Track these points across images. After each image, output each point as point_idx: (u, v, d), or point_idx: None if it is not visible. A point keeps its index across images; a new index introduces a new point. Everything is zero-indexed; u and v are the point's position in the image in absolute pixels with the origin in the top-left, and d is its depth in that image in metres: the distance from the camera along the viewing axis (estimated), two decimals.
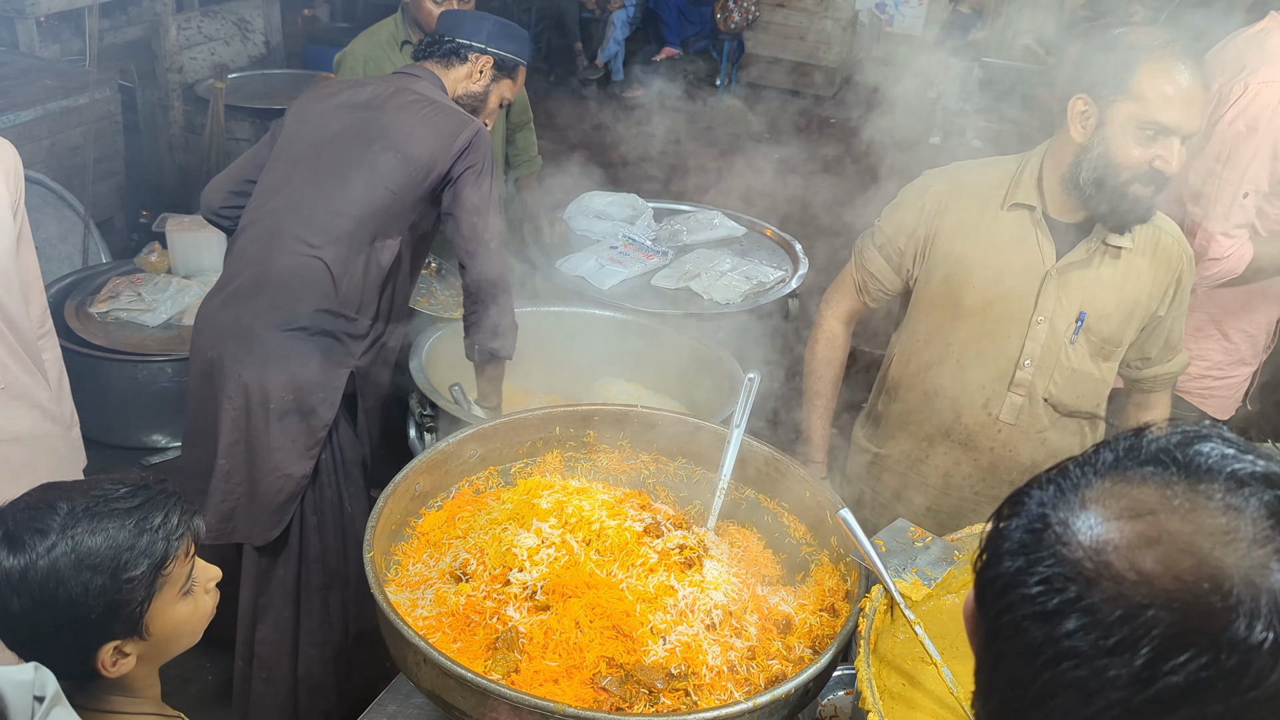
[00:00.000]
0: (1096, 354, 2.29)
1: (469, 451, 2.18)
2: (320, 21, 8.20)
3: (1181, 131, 2.03)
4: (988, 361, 2.32)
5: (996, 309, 2.28)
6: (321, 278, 2.62)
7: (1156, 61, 2.02)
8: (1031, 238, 2.23)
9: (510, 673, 1.67)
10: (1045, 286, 2.23)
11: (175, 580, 1.43)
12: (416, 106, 2.71)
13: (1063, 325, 2.25)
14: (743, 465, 2.27)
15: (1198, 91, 2.02)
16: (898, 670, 1.74)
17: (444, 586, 1.87)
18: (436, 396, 2.82)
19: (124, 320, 4.42)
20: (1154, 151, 2.05)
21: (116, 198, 5.55)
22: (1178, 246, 2.26)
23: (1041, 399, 2.31)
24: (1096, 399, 2.34)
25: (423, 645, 1.61)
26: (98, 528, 1.36)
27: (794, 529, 2.18)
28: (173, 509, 1.43)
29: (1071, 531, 0.74)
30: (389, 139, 2.67)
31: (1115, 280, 2.23)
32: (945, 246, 2.32)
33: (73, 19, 5.63)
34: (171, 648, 1.49)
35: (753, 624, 1.85)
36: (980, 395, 2.34)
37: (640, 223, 4.07)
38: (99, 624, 1.36)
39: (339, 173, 2.66)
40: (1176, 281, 2.27)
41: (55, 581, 1.33)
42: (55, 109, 5.00)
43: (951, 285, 2.32)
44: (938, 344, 2.37)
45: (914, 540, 1.84)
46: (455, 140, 2.67)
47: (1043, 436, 2.35)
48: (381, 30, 3.64)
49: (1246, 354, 2.97)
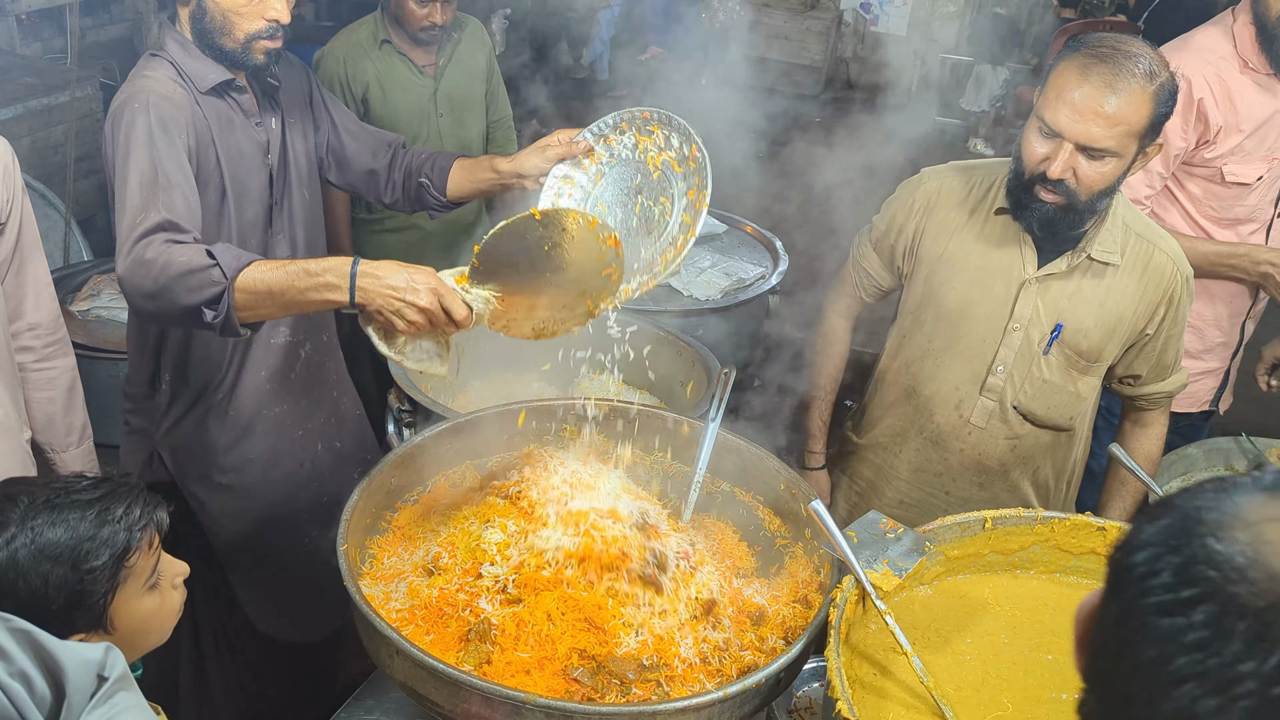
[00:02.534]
0: (1071, 367, 2.27)
1: (445, 446, 2.18)
2: (304, 20, 8.17)
3: (1070, 138, 1.99)
4: (962, 363, 2.33)
5: (974, 312, 2.28)
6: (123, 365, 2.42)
7: (1072, 63, 2.00)
8: (1014, 244, 2.23)
9: (482, 664, 1.68)
10: (1023, 294, 2.23)
11: (140, 573, 1.43)
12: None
13: (1037, 335, 2.25)
14: (718, 458, 2.28)
15: (1101, 107, 1.95)
16: (869, 660, 1.76)
17: (417, 579, 1.87)
18: (415, 392, 2.81)
19: (105, 318, 4.39)
20: (1046, 151, 2.03)
21: (98, 196, 5.52)
22: (1172, 266, 2.22)
23: (1011, 406, 2.31)
24: (1070, 412, 2.33)
25: (395, 638, 1.61)
26: (58, 519, 1.36)
27: (769, 521, 2.19)
28: (135, 500, 1.43)
29: (1225, 527, 0.73)
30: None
31: (1097, 295, 2.21)
32: (931, 245, 2.33)
33: (54, 16, 5.60)
34: (139, 643, 1.49)
35: (727, 616, 1.86)
36: (954, 396, 2.35)
37: None
38: (60, 616, 1.35)
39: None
40: (1168, 301, 2.23)
41: (15, 573, 1.33)
42: (36, 107, 4.98)
43: (933, 284, 2.33)
44: (919, 341, 2.39)
45: (886, 532, 1.85)
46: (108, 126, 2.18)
47: (1013, 443, 2.35)
48: (361, 29, 3.64)
49: (1193, 347, 2.96)
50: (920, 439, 2.43)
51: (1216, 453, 2.85)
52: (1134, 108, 1.96)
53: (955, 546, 1.93)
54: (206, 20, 2.27)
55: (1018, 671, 1.77)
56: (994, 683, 1.74)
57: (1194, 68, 2.70)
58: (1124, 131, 1.98)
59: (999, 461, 2.38)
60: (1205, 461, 2.84)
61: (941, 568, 1.93)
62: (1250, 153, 2.75)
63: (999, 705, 1.70)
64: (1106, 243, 2.18)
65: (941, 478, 2.42)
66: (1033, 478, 2.41)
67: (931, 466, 2.43)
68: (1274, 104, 2.74)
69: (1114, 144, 1.98)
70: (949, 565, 1.94)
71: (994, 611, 1.89)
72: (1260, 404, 5.41)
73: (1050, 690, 1.74)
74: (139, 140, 2.12)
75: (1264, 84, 2.73)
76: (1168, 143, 2.73)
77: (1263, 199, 2.83)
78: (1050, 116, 2.01)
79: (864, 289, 2.54)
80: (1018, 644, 1.82)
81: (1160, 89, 1.99)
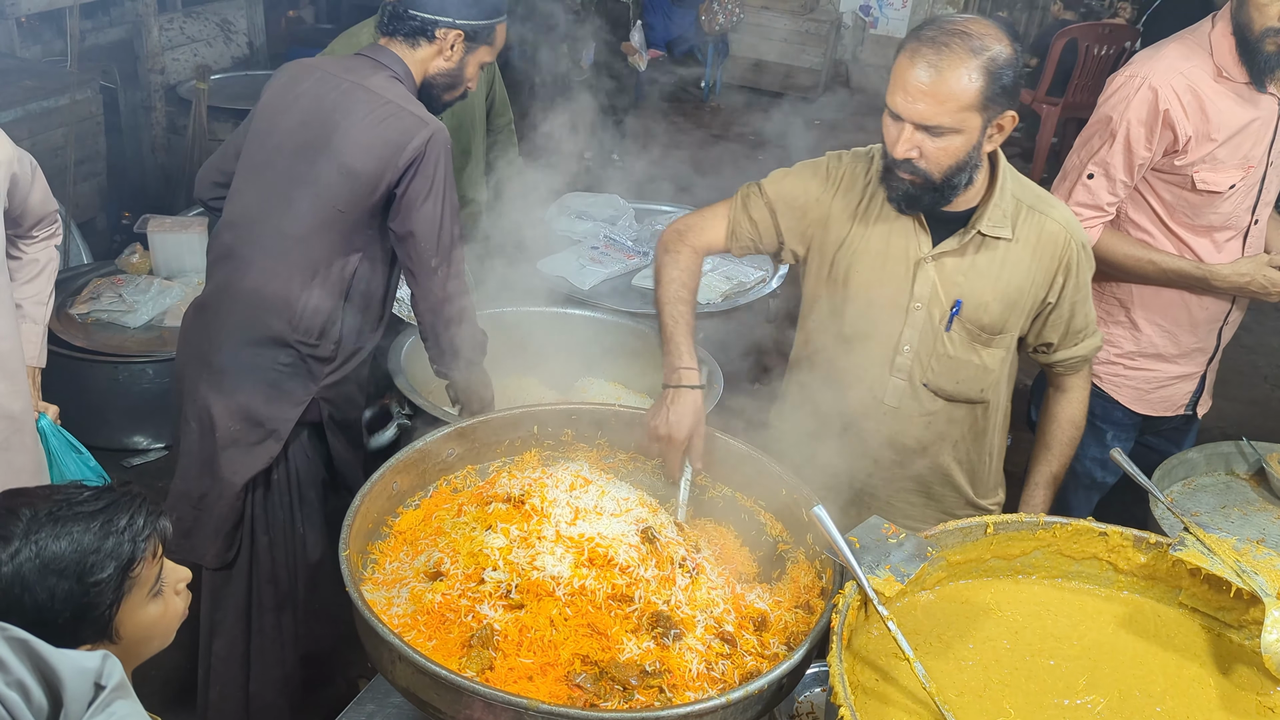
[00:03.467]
0: (974, 341, 2.30)
1: (447, 450, 2.18)
2: (304, 23, 8.18)
3: (908, 119, 2.06)
4: (872, 346, 2.35)
5: (878, 294, 2.31)
6: (274, 302, 2.51)
7: (905, 49, 2.07)
8: (909, 226, 2.26)
9: (485, 670, 1.68)
10: (919, 274, 2.26)
11: (144, 582, 1.43)
12: (368, 108, 2.48)
13: (938, 313, 2.28)
14: (719, 463, 2.29)
15: (931, 84, 2.01)
16: (871, 666, 1.76)
17: (419, 585, 1.87)
18: (415, 396, 2.82)
19: (105, 321, 4.41)
20: (894, 134, 2.10)
21: (98, 199, 5.53)
22: (1065, 234, 2.26)
23: (921, 384, 2.34)
24: (980, 385, 2.35)
25: (397, 643, 1.61)
26: (62, 532, 1.35)
27: (770, 526, 2.19)
28: (138, 510, 1.42)
29: None
30: (334, 150, 2.47)
31: (992, 269, 2.25)
32: (835, 231, 2.34)
33: (54, 19, 5.60)
34: (143, 650, 1.49)
35: (730, 622, 1.87)
36: (865, 378, 2.37)
37: (621, 223, 4.09)
38: (67, 629, 1.34)
39: (285, 190, 2.52)
40: (1065, 269, 2.27)
41: (20, 588, 1.32)
42: (36, 109, 4.98)
43: (839, 271, 2.34)
44: (830, 327, 2.40)
45: (888, 537, 1.85)
46: (403, 151, 2.44)
47: (927, 420, 2.38)
48: (362, 32, 3.62)
49: (1165, 350, 2.94)
50: (841, 424, 2.43)
51: (1217, 457, 2.85)
52: (960, 84, 2.01)
53: (957, 552, 1.93)
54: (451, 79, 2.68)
55: (1020, 677, 1.77)
56: (996, 688, 1.74)
57: (1162, 78, 2.69)
58: (955, 107, 2.03)
59: (916, 439, 2.40)
60: (1206, 465, 2.84)
61: (943, 573, 1.93)
62: (1223, 161, 2.74)
63: (1001, 711, 1.70)
64: (996, 217, 2.22)
65: (864, 460, 2.43)
66: (953, 451, 2.43)
67: (853, 450, 2.43)
68: (1250, 113, 2.73)
69: (948, 120, 2.04)
70: (951, 570, 1.94)
71: (996, 617, 1.89)
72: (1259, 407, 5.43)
73: (1053, 696, 1.74)
74: (453, 183, 2.56)
75: (1240, 93, 2.71)
76: (1131, 151, 2.73)
77: (1238, 206, 2.81)
78: (890, 101, 2.09)
79: (737, 238, 2.41)
80: (1020, 649, 1.83)
81: (990, 61, 2.02)
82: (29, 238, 2.64)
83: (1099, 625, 1.90)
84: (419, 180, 2.46)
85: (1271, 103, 2.75)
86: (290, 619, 2.80)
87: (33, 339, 2.63)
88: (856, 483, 2.46)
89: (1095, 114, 2.83)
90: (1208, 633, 1.89)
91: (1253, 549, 1.86)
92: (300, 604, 2.81)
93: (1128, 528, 1.94)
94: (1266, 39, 2.61)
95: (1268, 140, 2.77)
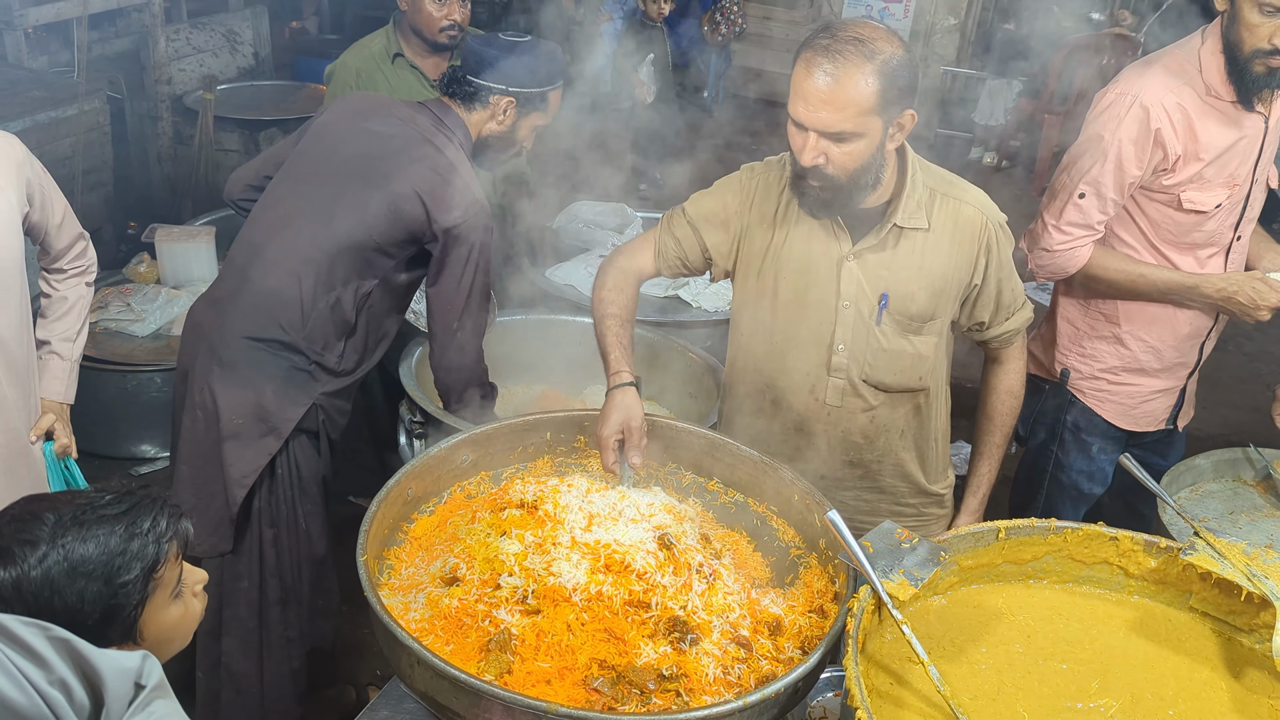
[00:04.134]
0: (905, 331, 2.33)
1: (461, 456, 2.20)
2: (309, 33, 8.22)
3: (811, 127, 2.08)
4: (807, 348, 2.37)
5: (807, 296, 2.33)
6: (290, 306, 2.60)
7: (801, 59, 2.08)
8: (828, 227, 2.28)
9: (503, 674, 1.69)
10: (844, 273, 2.28)
11: (166, 584, 1.44)
12: (429, 163, 2.63)
13: (867, 308, 2.30)
14: (730, 469, 2.30)
15: (829, 92, 2.03)
16: (885, 670, 1.77)
17: (436, 590, 1.88)
18: (426, 403, 2.83)
19: (113, 330, 4.42)
20: (799, 144, 2.12)
21: (105, 208, 5.55)
22: (981, 216, 2.29)
23: (860, 380, 2.36)
24: (918, 373, 2.38)
25: (416, 647, 1.62)
26: (88, 535, 1.36)
27: (782, 531, 2.20)
28: (160, 513, 1.44)
29: None
30: (390, 188, 2.59)
31: (914, 260, 2.27)
32: (759, 242, 2.36)
33: (61, 30, 5.63)
34: (163, 651, 1.50)
35: (745, 627, 1.88)
36: (805, 381, 2.39)
37: (629, 232, 4.11)
38: (95, 631, 1.36)
39: (329, 206, 2.62)
40: (985, 249, 2.30)
41: (50, 591, 1.33)
42: (44, 120, 5.00)
43: (765, 280, 2.36)
44: (761, 338, 2.42)
45: (901, 542, 1.86)
46: (448, 216, 2.59)
47: (871, 414, 2.40)
48: (373, 42, 3.66)
49: (1149, 365, 2.93)
50: (785, 431, 2.46)
51: (1225, 463, 2.85)
52: (857, 88, 2.03)
53: (969, 556, 1.95)
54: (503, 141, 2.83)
55: (1033, 681, 1.78)
56: (1010, 692, 1.75)
57: (1152, 96, 2.68)
58: (855, 112, 2.05)
59: (862, 434, 2.42)
60: (1214, 472, 2.84)
61: (955, 578, 1.95)
62: (1210, 180, 2.73)
63: (1015, 714, 1.71)
64: (910, 209, 2.24)
65: (812, 463, 2.45)
66: (900, 440, 2.46)
67: (801, 455, 2.46)
68: (1236, 133, 2.71)
69: (850, 125, 2.06)
70: (963, 575, 1.96)
71: (1008, 621, 1.91)
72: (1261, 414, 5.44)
73: (1066, 700, 1.75)
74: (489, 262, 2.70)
75: (1227, 112, 2.70)
76: (1123, 170, 2.72)
77: (1222, 224, 2.81)
78: (792, 110, 2.11)
79: (665, 259, 2.45)
80: (1032, 653, 1.84)
81: (884, 64, 2.04)
82: (58, 271, 2.66)
83: (1110, 629, 1.91)
84: (458, 249, 2.62)
85: (1258, 121, 2.73)
86: (295, 614, 2.83)
87: (59, 375, 2.63)
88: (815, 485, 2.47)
89: (1085, 131, 2.81)
90: (1218, 637, 1.90)
91: (1263, 553, 1.88)
92: (305, 599, 2.83)
93: (1139, 532, 1.96)
94: (1255, 60, 2.58)
95: (1253, 158, 2.76)
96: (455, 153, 2.70)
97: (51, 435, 2.59)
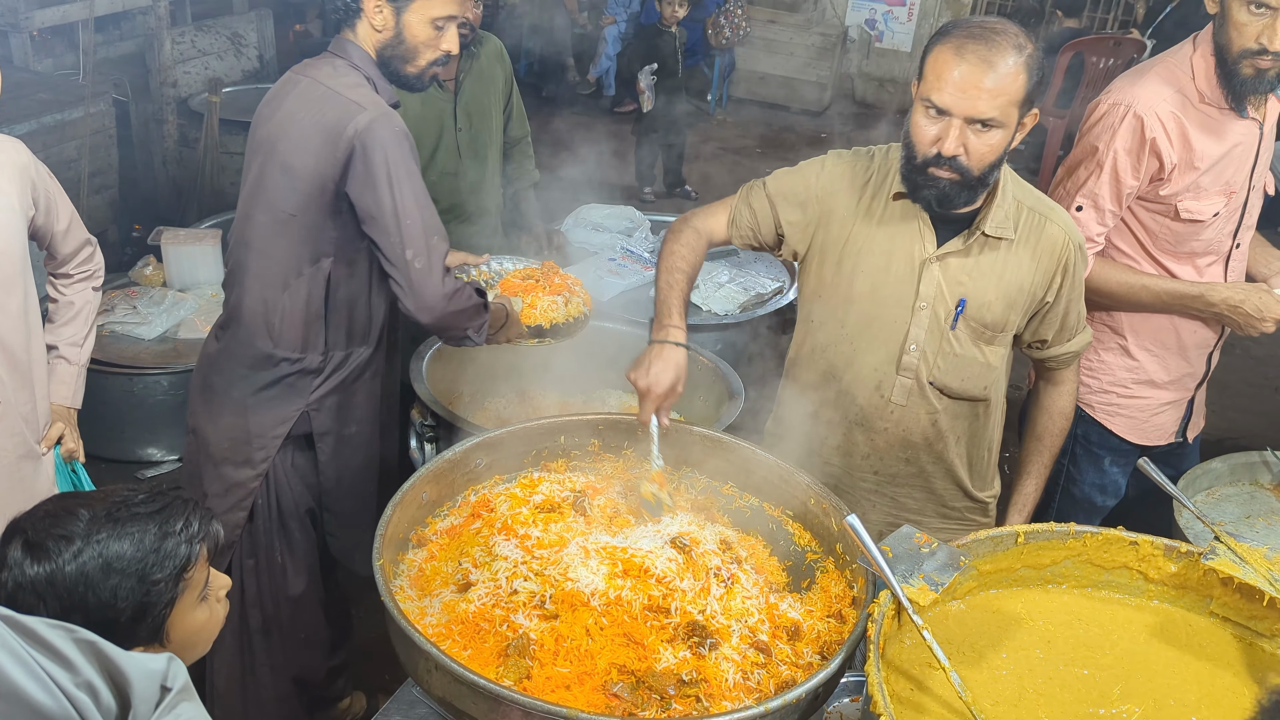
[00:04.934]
0: (978, 339, 2.34)
1: (475, 460, 2.19)
2: (311, 36, 8.21)
3: (958, 114, 2.08)
4: (878, 345, 2.37)
5: (883, 294, 2.33)
6: (257, 319, 2.49)
7: (947, 45, 2.09)
8: (913, 226, 2.29)
9: (522, 679, 1.68)
10: (925, 273, 2.29)
11: (195, 585, 1.44)
12: (308, 103, 2.36)
13: (944, 312, 2.31)
14: (746, 472, 2.29)
15: (983, 80, 2.04)
16: (905, 675, 1.76)
17: (450, 595, 1.87)
18: (438, 407, 2.82)
19: (119, 334, 4.41)
20: (936, 132, 2.11)
21: (110, 211, 5.55)
22: (1064, 235, 2.30)
23: (928, 382, 2.36)
24: (984, 382, 2.39)
25: (435, 652, 1.61)
26: (123, 532, 1.37)
27: (799, 536, 2.19)
28: (192, 514, 1.45)
29: None
30: (277, 153, 2.38)
31: (995, 269, 2.28)
32: (838, 230, 2.35)
33: (66, 33, 5.63)
34: (186, 655, 1.49)
35: (764, 632, 1.87)
36: (873, 377, 2.39)
37: (637, 235, 4.10)
38: (126, 628, 1.36)
39: (246, 203, 2.49)
40: (1063, 270, 2.31)
41: (84, 586, 1.33)
42: (50, 123, 5.00)
43: (843, 270, 2.36)
44: (832, 327, 2.42)
45: (920, 546, 1.85)
46: (339, 141, 2.30)
47: (934, 417, 2.40)
48: None
49: (1157, 377, 2.92)
50: (845, 423, 2.46)
51: (1241, 468, 2.85)
52: (1011, 78, 2.07)
53: (987, 561, 1.93)
54: (399, 48, 2.44)
55: (1054, 687, 1.76)
56: (1031, 698, 1.74)
57: (1146, 106, 2.66)
58: (1006, 101, 2.08)
59: (922, 436, 2.43)
60: (1230, 476, 2.84)
61: (974, 582, 1.93)
62: (1206, 189, 2.72)
63: None
64: (999, 219, 2.25)
65: (869, 459, 2.47)
66: (956, 448, 2.46)
67: (858, 449, 2.46)
68: (1231, 139, 2.70)
69: (999, 114, 2.08)
70: (981, 580, 1.94)
71: (1028, 626, 1.89)
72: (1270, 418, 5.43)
73: (1087, 706, 1.73)
74: (410, 168, 2.36)
75: (1221, 119, 2.68)
76: (1119, 181, 2.72)
77: (1219, 232, 2.79)
78: (936, 98, 2.10)
79: (738, 227, 2.45)
80: (1053, 659, 1.82)
81: (1030, 59, 2.09)
82: (65, 276, 2.66)
83: (1131, 635, 1.90)
84: (364, 169, 2.31)
85: (1252, 127, 2.71)
86: (279, 644, 2.81)
87: (66, 379, 2.63)
88: (865, 481, 2.48)
89: (1079, 143, 2.80)
90: (1240, 642, 1.89)
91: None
92: (285, 631, 2.80)
93: (1159, 537, 1.94)
94: (1243, 61, 2.56)
95: (1249, 165, 2.74)
96: (347, 76, 2.40)
97: (60, 440, 2.58)
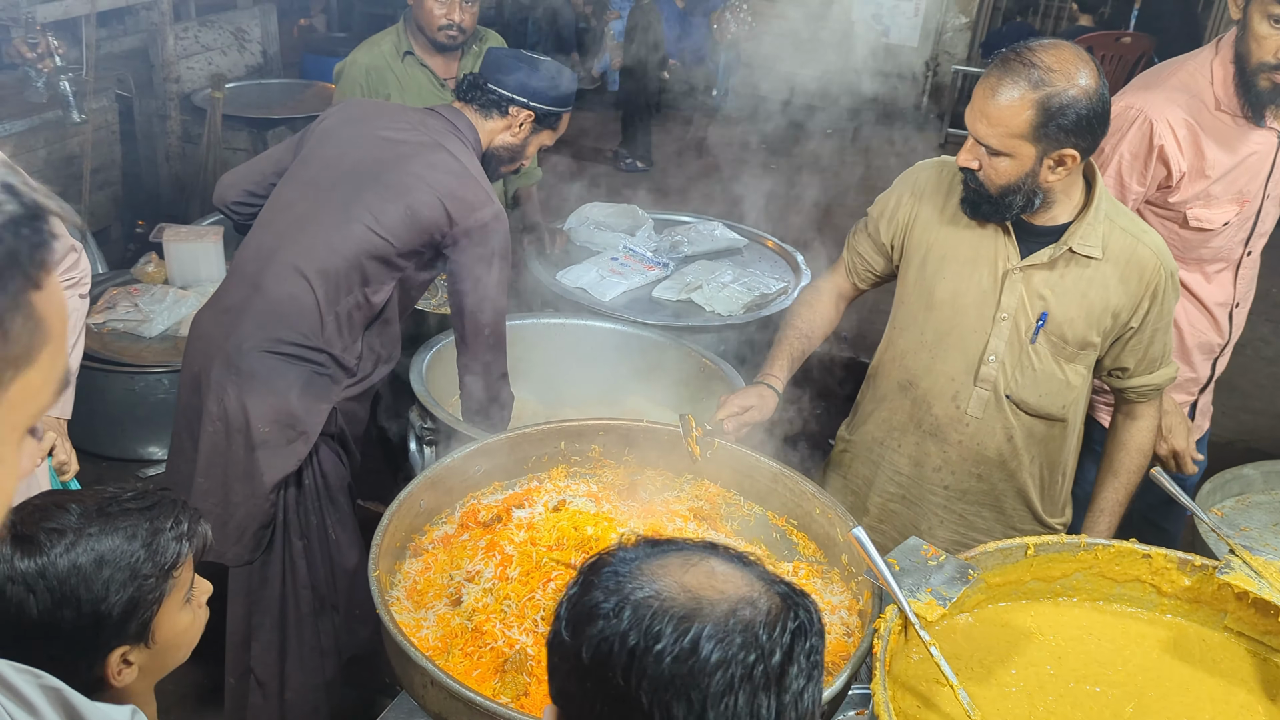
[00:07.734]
0: (1059, 355, 2.30)
1: (473, 467, 2.15)
2: (317, 31, 8.19)
3: (968, 131, 2.16)
4: (956, 354, 2.35)
5: (964, 302, 2.31)
6: (308, 311, 2.56)
7: (991, 62, 2.15)
8: (999, 236, 2.27)
9: (520, 695, 1.64)
10: (1007, 284, 2.27)
11: (181, 585, 1.43)
12: (443, 168, 2.61)
13: (1024, 324, 2.28)
14: (750, 481, 2.25)
15: (985, 107, 2.10)
16: (912, 692, 1.72)
17: (446, 608, 1.84)
18: (437, 409, 2.78)
19: (121, 331, 4.38)
20: (966, 144, 2.18)
21: (113, 208, 5.52)
22: (1155, 260, 2.25)
23: (1005, 395, 2.33)
24: (1062, 400, 2.35)
25: (430, 668, 1.58)
26: (114, 526, 1.36)
27: (803, 546, 2.15)
28: (181, 513, 1.44)
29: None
30: (405, 192, 2.58)
31: (1079, 286, 2.25)
32: (921, 235, 2.36)
33: (69, 28, 5.59)
34: (169, 660, 1.48)
35: None
36: (950, 387, 2.37)
37: (641, 234, 4.05)
38: (117, 624, 1.35)
39: (346, 210, 2.59)
40: (1151, 295, 2.26)
41: (77, 579, 1.32)
42: (52, 118, 4.97)
43: (925, 276, 2.36)
44: (912, 333, 2.41)
45: (928, 559, 1.81)
46: (469, 218, 2.58)
47: (1009, 434, 2.37)
48: (384, 40, 3.61)
49: None
50: (919, 433, 2.43)
51: (1275, 475, 2.79)
52: (1010, 112, 2.07)
53: (996, 573, 1.89)
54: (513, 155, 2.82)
55: (1066, 705, 1.73)
56: (1041, 716, 1.70)
57: (1158, 111, 2.61)
58: (1003, 133, 2.09)
59: (996, 452, 2.39)
60: (1263, 483, 2.79)
61: (982, 595, 1.89)
62: (1218, 197, 2.66)
63: None
64: (1089, 236, 2.22)
65: (940, 471, 2.43)
66: (1029, 468, 2.43)
67: (930, 460, 2.43)
68: (1246, 148, 2.64)
69: (996, 143, 2.11)
70: (990, 593, 1.90)
71: (1037, 641, 1.85)
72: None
73: None
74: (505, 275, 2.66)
75: (1236, 127, 2.62)
76: (1123, 184, 2.67)
77: (1230, 240, 2.74)
78: (966, 120, 2.18)
79: (856, 273, 2.55)
80: (1063, 674, 1.78)
81: (1049, 97, 2.05)
82: None
83: (1143, 650, 1.86)
84: (478, 249, 2.59)
85: (1270, 136, 2.65)
86: (330, 624, 2.78)
87: None
88: (935, 495, 2.44)
89: None
90: (1254, 657, 1.85)
91: None
92: (341, 608, 2.79)
93: (1171, 550, 1.90)
94: (1260, 74, 2.51)
95: (1265, 174, 2.68)
96: (468, 156, 2.68)
97: (51, 452, 2.54)
